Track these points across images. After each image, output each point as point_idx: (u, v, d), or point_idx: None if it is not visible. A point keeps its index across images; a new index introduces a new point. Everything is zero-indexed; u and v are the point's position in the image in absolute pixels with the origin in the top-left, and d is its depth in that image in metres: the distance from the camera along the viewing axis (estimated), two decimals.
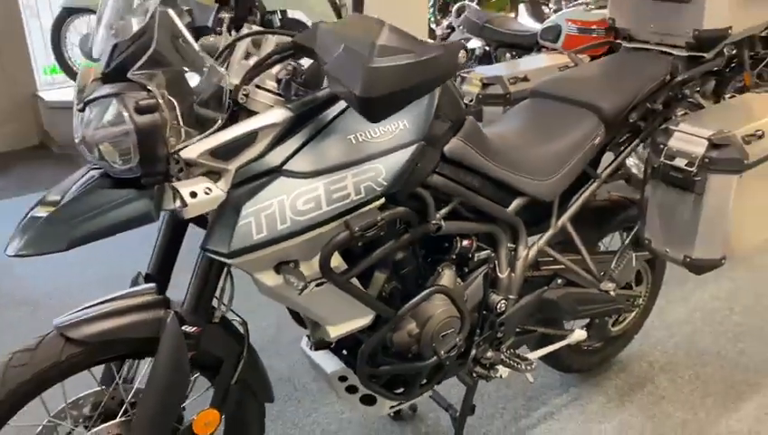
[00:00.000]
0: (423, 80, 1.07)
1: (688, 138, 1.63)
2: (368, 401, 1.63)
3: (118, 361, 1.35)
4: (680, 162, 1.62)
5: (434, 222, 1.43)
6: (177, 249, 1.43)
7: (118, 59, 1.12)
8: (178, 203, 1.11)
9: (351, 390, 1.61)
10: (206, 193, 1.12)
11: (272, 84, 1.26)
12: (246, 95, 1.21)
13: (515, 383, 2.21)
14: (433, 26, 5.19)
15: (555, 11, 5.48)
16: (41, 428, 1.32)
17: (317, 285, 1.27)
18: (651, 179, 1.74)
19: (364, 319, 1.41)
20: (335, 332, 1.38)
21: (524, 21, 5.12)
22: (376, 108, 1.05)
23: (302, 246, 1.22)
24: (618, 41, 2.12)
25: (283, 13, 4.56)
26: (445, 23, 5.02)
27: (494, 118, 2.20)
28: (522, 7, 6.64)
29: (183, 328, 1.26)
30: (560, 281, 1.84)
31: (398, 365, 1.51)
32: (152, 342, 1.27)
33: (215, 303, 1.34)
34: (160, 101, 1.09)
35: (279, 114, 1.21)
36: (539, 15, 6.62)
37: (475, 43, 4.92)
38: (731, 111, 1.79)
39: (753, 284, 2.83)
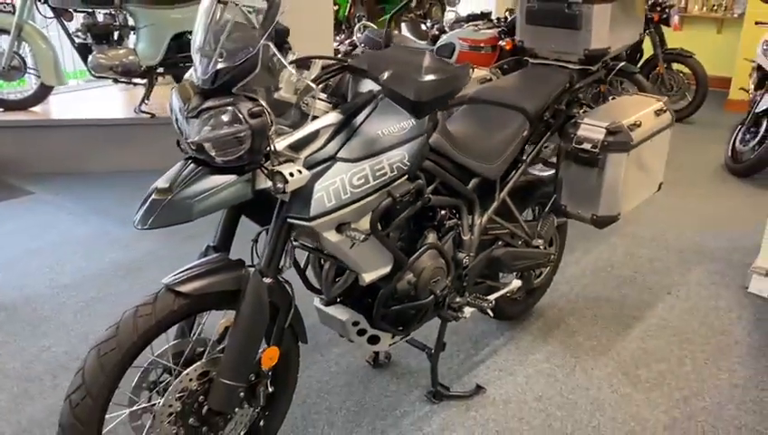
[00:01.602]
0: (451, 90, 1.57)
1: (591, 128, 2.25)
2: (373, 340, 2.09)
3: (207, 311, 1.71)
4: (587, 146, 2.24)
5: (426, 196, 1.93)
6: (236, 228, 1.82)
7: (223, 79, 1.51)
8: (279, 181, 1.52)
9: (361, 332, 2.06)
10: (299, 173, 1.54)
11: (323, 95, 1.70)
12: (307, 104, 1.64)
13: (462, 331, 2.76)
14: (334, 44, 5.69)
15: (438, 29, 6.18)
16: (144, 367, 1.66)
17: (362, 241, 1.72)
18: (564, 160, 2.36)
19: (386, 268, 1.88)
20: (368, 277, 1.83)
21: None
22: (423, 109, 1.53)
23: (356, 211, 1.68)
24: (525, 57, 2.74)
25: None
26: (347, 41, 5.54)
27: None
28: (403, 25, 7.32)
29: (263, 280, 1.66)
30: (500, 242, 2.40)
31: (407, 305, 1.99)
32: (233, 294, 1.66)
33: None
34: (265, 108, 1.50)
35: (334, 117, 1.66)
36: (418, 32, 7.33)
37: None
38: (616, 108, 2.44)
39: (624, 246, 3.59)
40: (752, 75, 5.41)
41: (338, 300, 2.07)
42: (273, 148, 1.54)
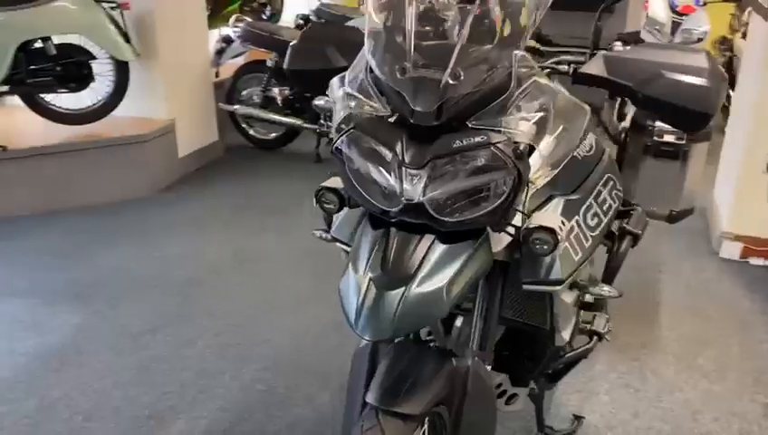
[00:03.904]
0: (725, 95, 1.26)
1: None
2: (511, 399, 1.73)
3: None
4: (670, 138, 2.07)
5: None
6: None
7: (455, 110, 1.05)
8: (543, 242, 1.10)
9: (500, 394, 1.70)
10: (563, 224, 1.14)
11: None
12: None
13: None
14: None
15: (302, 18, 5.68)
16: None
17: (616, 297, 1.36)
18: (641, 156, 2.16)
19: (574, 319, 1.53)
20: (567, 334, 1.47)
21: None
22: (707, 123, 1.21)
23: (590, 260, 1.31)
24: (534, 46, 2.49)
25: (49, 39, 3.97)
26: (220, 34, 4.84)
27: None
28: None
29: None
30: None
31: (576, 352, 1.65)
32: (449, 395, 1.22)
33: None
34: (531, 144, 1.07)
35: (553, 142, 1.25)
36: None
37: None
38: None
39: None
40: None
41: None
42: (527, 196, 1.12)
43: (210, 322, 2.70)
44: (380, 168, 1.10)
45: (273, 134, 4.88)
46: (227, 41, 4.68)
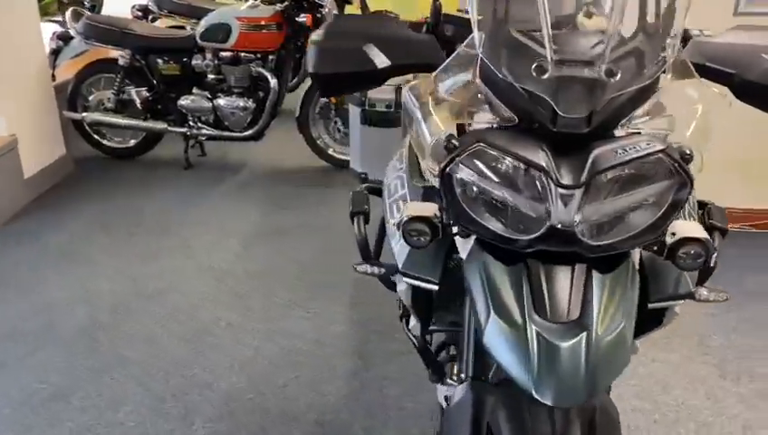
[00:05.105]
0: None
1: None
2: None
3: None
4: None
5: None
6: None
7: (603, 115, 0.88)
8: (699, 253, 0.97)
9: None
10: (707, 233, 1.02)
11: None
12: None
13: None
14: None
15: (140, 9, 5.13)
16: None
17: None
18: None
19: None
20: (638, 344, 1.37)
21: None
22: None
23: None
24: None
25: None
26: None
27: None
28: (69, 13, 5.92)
29: None
30: None
31: None
32: None
33: None
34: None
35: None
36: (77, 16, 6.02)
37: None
38: None
39: None
40: None
41: None
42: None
43: (133, 372, 2.29)
44: (513, 189, 0.91)
45: (133, 141, 4.33)
46: (64, 38, 4.04)
